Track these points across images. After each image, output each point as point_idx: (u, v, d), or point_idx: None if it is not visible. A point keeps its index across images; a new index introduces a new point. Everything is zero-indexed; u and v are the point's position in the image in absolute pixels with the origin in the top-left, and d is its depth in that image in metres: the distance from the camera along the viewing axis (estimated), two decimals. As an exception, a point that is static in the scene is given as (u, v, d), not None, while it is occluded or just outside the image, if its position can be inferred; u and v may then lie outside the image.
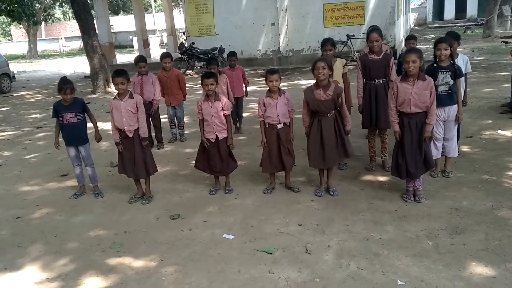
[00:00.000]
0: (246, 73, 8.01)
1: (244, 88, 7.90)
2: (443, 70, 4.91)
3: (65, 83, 5.16)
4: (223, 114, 5.08)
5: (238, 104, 7.59)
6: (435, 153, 5.08)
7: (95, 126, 5.48)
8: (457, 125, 5.15)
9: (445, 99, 4.93)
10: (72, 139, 5.31)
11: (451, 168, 5.27)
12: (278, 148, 5.01)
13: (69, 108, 5.21)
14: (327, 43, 5.54)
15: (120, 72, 4.96)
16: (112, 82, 5.02)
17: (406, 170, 4.56)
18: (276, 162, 5.07)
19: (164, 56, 7.49)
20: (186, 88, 8.03)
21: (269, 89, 4.97)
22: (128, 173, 5.18)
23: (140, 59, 7.21)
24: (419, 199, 4.63)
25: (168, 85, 7.36)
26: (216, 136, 5.08)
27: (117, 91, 5.05)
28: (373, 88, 5.34)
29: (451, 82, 4.92)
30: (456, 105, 5.00)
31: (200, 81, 5.19)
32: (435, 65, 4.99)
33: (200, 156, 5.28)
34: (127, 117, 4.98)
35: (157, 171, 5.36)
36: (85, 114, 5.34)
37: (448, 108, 4.99)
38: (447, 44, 4.88)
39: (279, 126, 4.95)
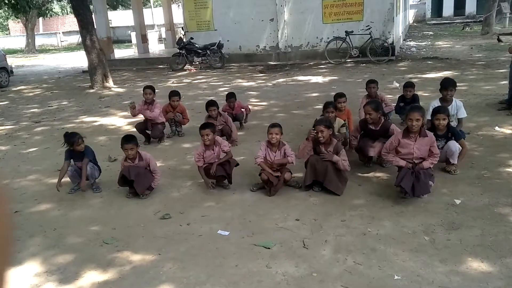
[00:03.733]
0: (245, 69, 8.01)
1: (245, 114, 7.97)
2: (439, 139, 5.07)
3: (73, 136, 5.31)
4: (224, 151, 5.20)
5: (236, 117, 7.65)
6: None
7: (83, 176, 5.35)
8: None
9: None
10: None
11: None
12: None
13: (80, 157, 5.37)
14: (330, 105, 5.85)
15: (130, 139, 5.11)
16: (121, 148, 5.14)
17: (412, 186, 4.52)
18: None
19: (173, 94, 7.61)
20: (183, 84, 8.04)
21: (269, 141, 4.99)
22: (127, 183, 5.17)
23: (147, 87, 7.39)
24: (422, 195, 4.65)
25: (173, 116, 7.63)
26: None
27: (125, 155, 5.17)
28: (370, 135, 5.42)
29: (444, 144, 5.12)
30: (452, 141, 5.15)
31: (198, 77, 5.20)
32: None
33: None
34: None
35: (150, 191, 5.27)
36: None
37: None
38: (445, 114, 5.04)
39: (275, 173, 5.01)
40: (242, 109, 7.87)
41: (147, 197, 5.18)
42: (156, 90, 7.65)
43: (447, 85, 5.86)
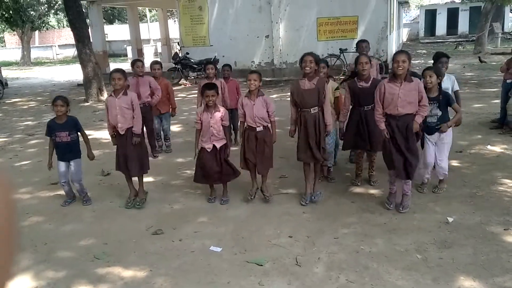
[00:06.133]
0: (240, 84, 8.03)
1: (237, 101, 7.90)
2: (431, 102, 4.85)
3: (57, 97, 5.32)
4: (222, 125, 5.11)
5: (233, 117, 7.58)
6: (425, 177, 5.17)
7: (88, 145, 5.47)
8: (449, 147, 5.16)
9: (433, 129, 5.01)
10: (65, 156, 5.32)
11: (443, 184, 5.27)
12: (256, 149, 5.07)
13: (62, 127, 5.26)
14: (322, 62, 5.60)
15: (118, 69, 5.20)
16: (110, 78, 5.17)
17: (403, 166, 4.57)
18: (252, 160, 5.10)
19: (154, 63, 7.63)
20: (179, 98, 8.06)
21: (249, 90, 5.03)
22: (122, 170, 5.28)
23: (137, 60, 7.38)
24: (402, 209, 4.66)
25: None
26: (213, 145, 5.10)
27: (113, 88, 5.16)
28: (362, 113, 5.28)
29: (439, 113, 4.95)
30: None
31: (193, 92, 5.21)
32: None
33: (199, 168, 5.22)
34: (120, 114, 5.08)
35: (149, 168, 5.46)
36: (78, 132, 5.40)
37: (437, 134, 5.05)
38: (433, 71, 4.91)
39: (258, 129, 5.02)
40: (237, 89, 7.70)
41: (143, 204, 5.24)
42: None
43: (439, 56, 5.49)
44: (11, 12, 17.12)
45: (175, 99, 8.04)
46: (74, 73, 22.54)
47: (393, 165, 4.62)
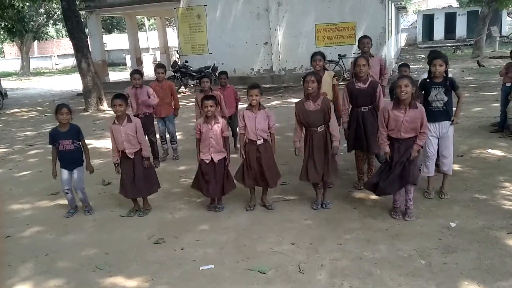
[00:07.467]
0: (239, 91, 8.04)
1: (236, 106, 7.93)
2: (436, 86, 4.90)
3: (61, 105, 5.34)
4: (222, 136, 5.12)
5: (232, 123, 7.60)
6: (426, 171, 5.12)
7: (87, 157, 5.45)
8: (452, 140, 5.13)
9: (438, 115, 4.93)
10: (68, 164, 5.31)
11: (448, 188, 5.21)
12: (259, 164, 5.05)
13: (66, 135, 5.26)
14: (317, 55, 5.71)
15: (119, 95, 5.17)
16: (111, 104, 5.19)
17: (377, 184, 4.65)
18: (256, 177, 5.10)
19: (158, 66, 7.66)
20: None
21: (250, 104, 5.05)
22: (127, 194, 5.24)
23: (135, 72, 7.36)
24: (408, 217, 4.66)
25: (160, 96, 7.36)
26: (211, 158, 5.10)
27: (115, 114, 5.15)
28: (360, 115, 5.32)
29: (445, 98, 4.91)
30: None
31: (192, 100, 5.22)
32: (428, 80, 5.00)
33: (197, 177, 5.25)
34: (127, 140, 5.11)
35: (160, 187, 5.48)
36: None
37: (442, 123, 4.98)
38: (443, 60, 4.88)
39: (258, 142, 5.02)
40: (236, 98, 7.75)
41: (146, 214, 5.25)
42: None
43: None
44: (14, 22, 17.21)
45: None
46: (74, 83, 22.56)
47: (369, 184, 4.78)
